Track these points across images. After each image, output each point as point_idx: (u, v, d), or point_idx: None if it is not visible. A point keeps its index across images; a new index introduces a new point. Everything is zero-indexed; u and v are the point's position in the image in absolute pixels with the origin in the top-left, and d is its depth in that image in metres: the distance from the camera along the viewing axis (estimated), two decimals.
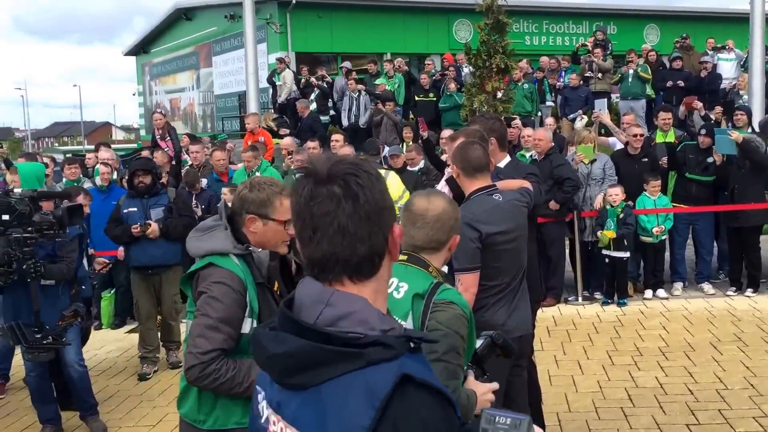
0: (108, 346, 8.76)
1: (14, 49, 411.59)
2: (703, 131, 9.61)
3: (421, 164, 9.97)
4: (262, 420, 1.68)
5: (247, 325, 3.13)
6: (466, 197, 4.09)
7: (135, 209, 7.49)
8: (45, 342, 4.48)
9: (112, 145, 16.46)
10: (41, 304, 5.48)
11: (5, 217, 5.33)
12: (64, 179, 10.15)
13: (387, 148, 12.16)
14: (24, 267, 5.35)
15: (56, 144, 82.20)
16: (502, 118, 5.92)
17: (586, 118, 14.23)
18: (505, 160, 4.94)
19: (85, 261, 6.92)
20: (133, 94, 36.27)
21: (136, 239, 7.41)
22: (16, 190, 5.84)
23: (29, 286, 5.48)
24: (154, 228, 7.36)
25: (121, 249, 8.27)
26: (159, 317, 8.00)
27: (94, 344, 8.72)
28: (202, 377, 3.01)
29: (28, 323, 5.41)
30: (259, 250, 3.23)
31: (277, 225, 3.22)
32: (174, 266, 7.61)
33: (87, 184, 9.83)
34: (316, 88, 16.74)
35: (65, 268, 5.82)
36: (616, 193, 8.98)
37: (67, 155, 15.86)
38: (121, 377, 7.68)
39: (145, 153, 11.63)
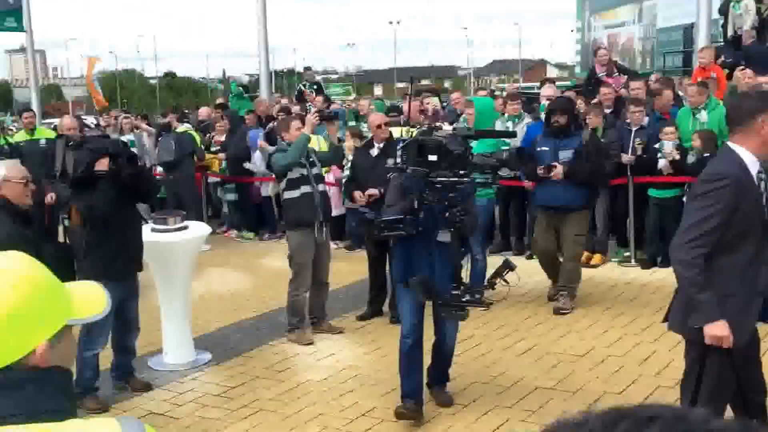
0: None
1: None
2: None
3: None
4: None
5: None
6: None
7: (546, 149, 7.51)
8: (464, 299, 4.09)
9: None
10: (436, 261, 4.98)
11: (432, 157, 4.71)
12: (506, 115, 10.42)
13: None
14: (448, 215, 4.78)
15: (494, 81, 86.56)
16: None
17: None
18: None
19: None
20: (572, 31, 36.34)
21: (542, 179, 7.44)
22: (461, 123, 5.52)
23: (430, 238, 4.96)
24: (557, 171, 7.28)
25: None
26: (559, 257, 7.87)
27: None
28: None
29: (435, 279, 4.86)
30: None
31: None
32: (577, 209, 7.49)
33: (527, 119, 9.98)
34: None
35: (474, 222, 5.10)
36: None
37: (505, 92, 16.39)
38: (534, 306, 7.73)
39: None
